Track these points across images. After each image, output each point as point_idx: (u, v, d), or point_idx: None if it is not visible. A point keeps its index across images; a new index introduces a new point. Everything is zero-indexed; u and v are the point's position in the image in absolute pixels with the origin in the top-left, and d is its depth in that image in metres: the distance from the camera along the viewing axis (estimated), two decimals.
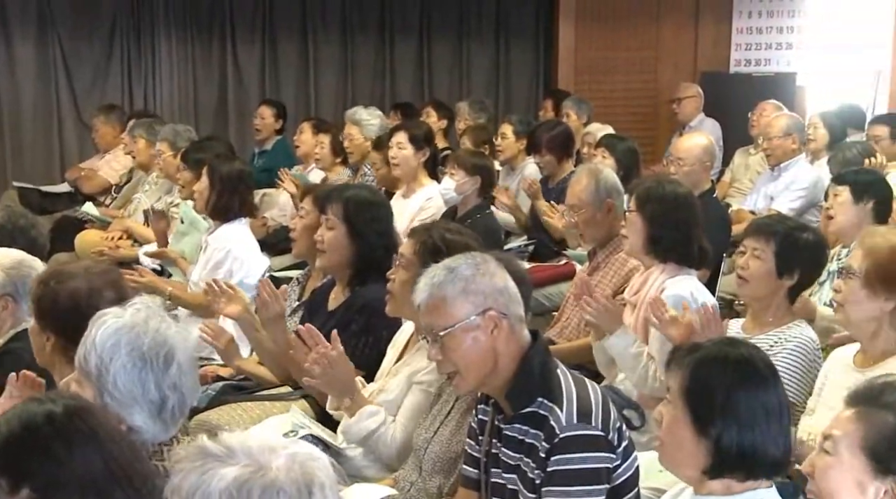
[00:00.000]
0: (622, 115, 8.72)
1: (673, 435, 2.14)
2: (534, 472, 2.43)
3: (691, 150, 5.31)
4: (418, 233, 3.36)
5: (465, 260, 2.52)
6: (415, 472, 2.96)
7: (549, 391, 2.46)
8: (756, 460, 2.08)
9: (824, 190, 5.24)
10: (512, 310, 2.50)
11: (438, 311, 2.48)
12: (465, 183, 5.27)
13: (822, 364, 3.22)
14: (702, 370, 2.12)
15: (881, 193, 4.32)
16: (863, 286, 2.91)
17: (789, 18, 9.38)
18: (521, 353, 2.50)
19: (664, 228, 3.71)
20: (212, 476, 1.47)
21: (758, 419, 2.08)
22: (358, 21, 9.08)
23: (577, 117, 7.55)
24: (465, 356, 2.48)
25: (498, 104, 9.24)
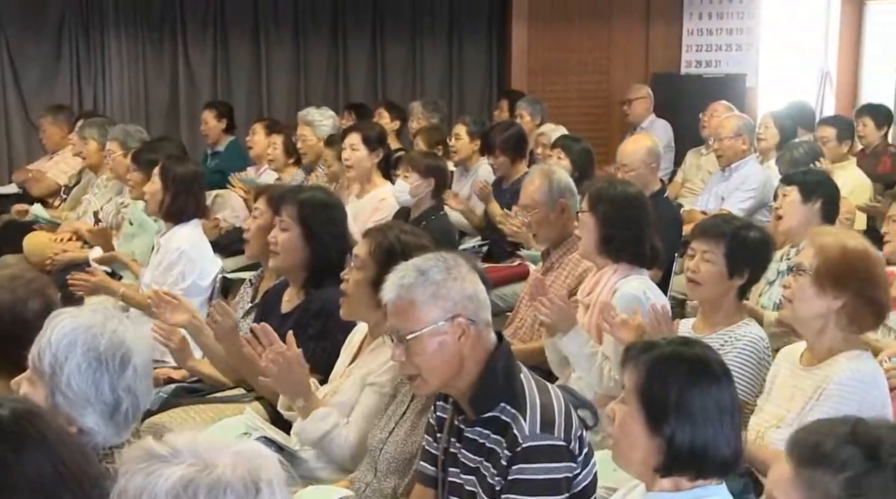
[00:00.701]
0: (575, 115, 8.77)
1: (626, 433, 2.14)
2: (494, 478, 2.43)
3: (635, 154, 5.34)
4: (373, 234, 3.35)
5: (437, 263, 2.47)
6: (370, 473, 2.96)
7: (512, 397, 2.46)
8: (707, 459, 2.09)
9: (774, 190, 5.31)
10: (480, 316, 2.48)
11: (406, 314, 2.46)
12: (420, 185, 5.26)
13: (771, 363, 3.26)
14: (657, 369, 2.13)
15: (829, 193, 4.37)
16: (812, 284, 2.93)
17: (738, 20, 9.49)
18: (486, 357, 2.49)
19: (616, 227, 3.74)
20: (157, 477, 1.46)
21: (711, 418, 2.09)
22: (310, 21, 9.04)
23: (531, 118, 7.58)
24: (429, 361, 2.47)
25: (451, 105, 9.24)
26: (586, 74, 9.36)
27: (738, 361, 3.29)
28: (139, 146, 5.80)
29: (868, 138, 7.01)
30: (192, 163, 5.05)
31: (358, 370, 3.24)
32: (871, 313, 2.95)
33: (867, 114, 7.07)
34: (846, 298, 2.90)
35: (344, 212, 3.94)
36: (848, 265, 2.91)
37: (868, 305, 2.92)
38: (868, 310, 2.93)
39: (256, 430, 3.25)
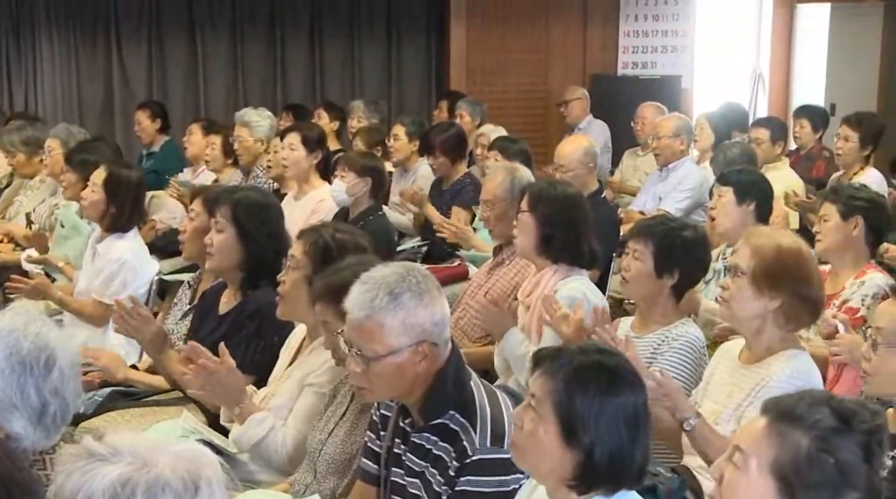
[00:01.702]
0: (514, 116, 8.80)
1: (537, 442, 2.07)
2: (441, 486, 2.43)
3: (572, 154, 5.37)
4: (308, 233, 3.34)
5: (409, 286, 2.42)
6: (309, 474, 2.94)
7: (462, 406, 2.46)
8: (625, 469, 2.05)
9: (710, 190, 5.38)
10: (443, 337, 2.48)
11: (373, 335, 2.43)
12: (356, 184, 5.24)
13: (707, 362, 3.29)
14: (575, 380, 2.06)
15: (763, 194, 4.43)
16: (749, 285, 2.97)
17: (674, 22, 9.61)
18: (438, 368, 2.48)
19: (556, 228, 3.76)
20: (95, 475, 1.44)
21: (629, 428, 2.05)
22: (248, 20, 8.97)
23: (471, 119, 7.59)
24: (385, 380, 2.46)
25: (390, 105, 9.23)
26: (525, 75, 9.41)
27: (675, 361, 3.32)
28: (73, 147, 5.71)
29: (803, 139, 7.12)
30: (136, 170, 4.95)
31: (296, 372, 3.22)
32: (807, 311, 3.00)
33: (804, 115, 7.17)
34: (783, 298, 2.94)
35: (280, 211, 3.91)
36: (783, 266, 2.95)
37: (804, 304, 2.97)
38: (804, 308, 2.98)
39: (194, 433, 3.21)
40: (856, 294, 3.76)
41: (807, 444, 1.81)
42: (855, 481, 1.80)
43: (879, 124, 6.34)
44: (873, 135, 6.18)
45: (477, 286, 4.35)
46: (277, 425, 3.10)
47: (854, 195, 3.95)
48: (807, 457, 1.80)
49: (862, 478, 1.81)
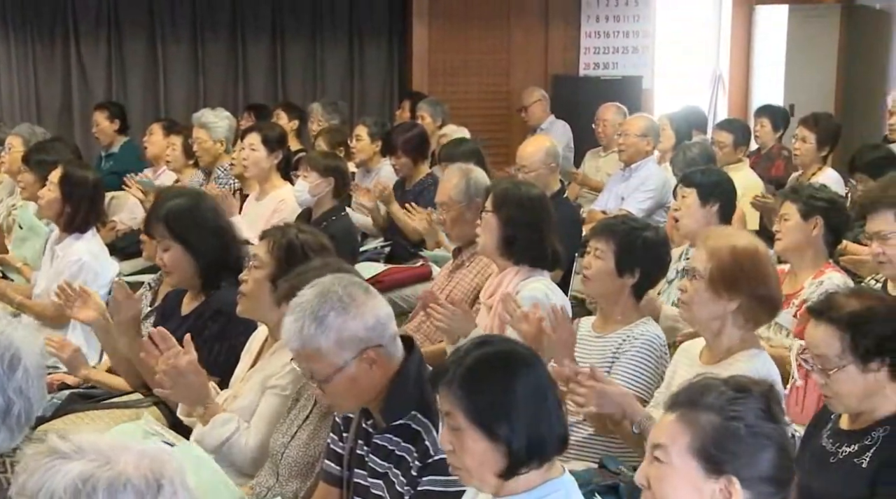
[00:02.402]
0: (476, 116, 8.81)
1: (470, 453, 2.10)
2: (403, 487, 2.44)
3: (534, 155, 5.39)
4: (271, 233, 3.35)
5: (333, 306, 2.44)
6: (272, 477, 2.93)
7: (424, 406, 2.47)
8: (546, 445, 2.10)
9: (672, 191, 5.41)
10: (386, 336, 2.49)
11: (314, 360, 2.47)
12: (319, 184, 5.23)
13: (668, 361, 3.32)
14: (471, 380, 2.10)
15: (726, 195, 4.46)
16: (707, 288, 2.99)
17: (634, 23, 9.66)
18: (397, 369, 2.50)
19: (519, 229, 3.77)
20: (56, 472, 1.44)
21: (538, 405, 2.10)
22: (208, 20, 8.90)
23: (432, 119, 7.58)
24: (345, 395, 2.50)
25: (352, 106, 9.21)
26: (487, 76, 9.42)
27: (636, 360, 3.34)
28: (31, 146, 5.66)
29: (763, 139, 7.18)
30: (92, 171, 4.90)
31: (259, 373, 3.21)
32: (765, 311, 3.03)
33: (766, 115, 7.24)
34: (741, 300, 2.97)
35: (210, 204, 3.84)
36: (739, 268, 2.98)
37: (762, 304, 3.00)
38: (762, 308, 3.01)
39: (155, 435, 3.19)
40: (815, 294, 3.79)
41: (715, 418, 1.91)
42: (768, 440, 1.91)
43: (836, 125, 6.42)
44: (830, 136, 6.25)
45: (438, 290, 4.35)
46: (242, 427, 3.09)
47: (814, 195, 3.98)
48: (720, 429, 1.90)
49: (773, 435, 1.92)
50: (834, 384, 2.62)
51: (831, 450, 2.68)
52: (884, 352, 2.58)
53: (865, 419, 2.64)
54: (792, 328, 3.77)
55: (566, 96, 8.91)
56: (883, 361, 2.58)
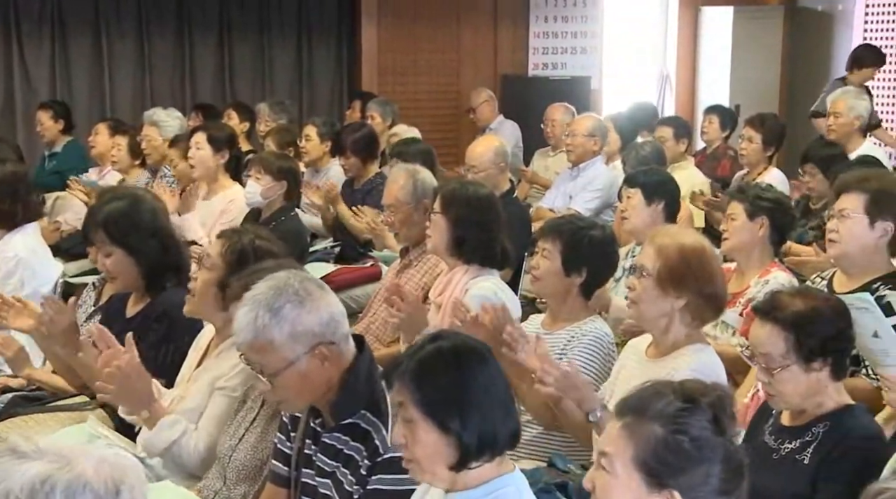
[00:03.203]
0: (426, 116, 8.81)
1: (422, 446, 2.12)
2: (352, 486, 2.43)
3: (483, 155, 5.40)
4: (228, 235, 3.32)
5: (288, 298, 2.43)
6: (219, 480, 2.90)
7: (374, 405, 2.47)
8: (497, 438, 2.11)
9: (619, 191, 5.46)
10: (339, 333, 2.49)
11: (266, 353, 2.45)
12: (272, 187, 5.19)
13: (616, 357, 3.35)
14: (423, 372, 2.12)
15: (670, 193, 4.52)
16: (655, 285, 3.02)
17: (582, 23, 9.72)
18: (347, 367, 2.50)
19: (468, 229, 3.78)
20: (13, 471, 1.43)
21: (490, 399, 2.11)
22: (155, 18, 8.80)
23: (381, 119, 7.57)
24: (295, 392, 2.48)
25: (302, 106, 9.16)
26: (436, 76, 9.43)
27: (584, 357, 3.37)
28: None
29: (711, 135, 7.26)
30: (11, 163, 4.81)
31: (206, 374, 3.18)
32: (711, 308, 3.07)
33: (714, 113, 7.32)
34: (688, 297, 3.00)
35: (148, 205, 3.79)
36: (687, 266, 3.01)
37: (708, 302, 3.04)
38: (708, 305, 3.05)
39: (100, 438, 3.16)
40: (760, 293, 3.84)
41: (660, 431, 1.88)
42: (713, 454, 1.88)
43: (781, 126, 6.51)
44: (776, 136, 6.33)
45: (386, 290, 4.34)
46: (189, 429, 3.06)
47: (761, 195, 4.03)
48: (663, 442, 1.87)
49: (718, 449, 1.89)
50: (777, 383, 2.65)
51: (773, 446, 2.72)
52: (827, 352, 2.63)
53: (806, 416, 2.69)
54: (738, 327, 3.81)
55: (515, 96, 8.94)
56: (825, 360, 2.63)
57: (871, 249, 3.59)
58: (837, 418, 2.64)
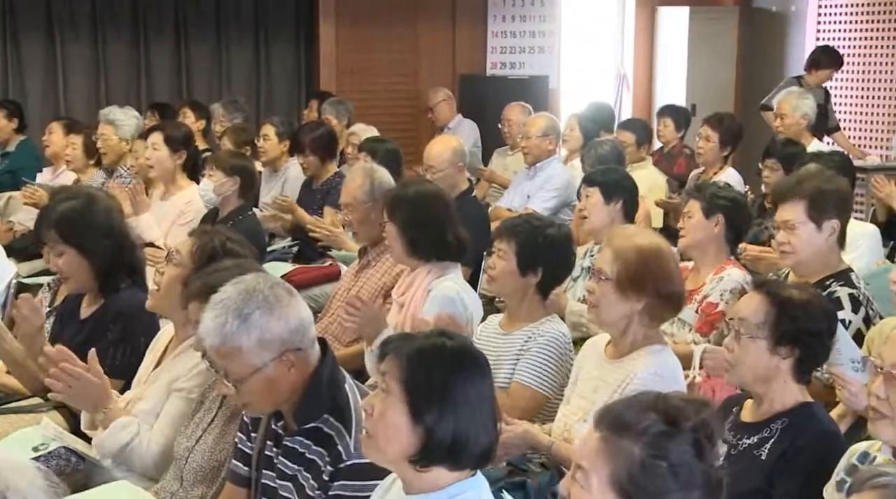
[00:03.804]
0: (385, 116, 8.80)
1: (386, 424, 2.10)
2: (314, 491, 2.41)
3: (441, 155, 5.39)
4: (200, 235, 3.31)
5: (258, 304, 2.40)
6: (175, 482, 2.88)
7: (337, 410, 2.45)
8: (467, 449, 2.09)
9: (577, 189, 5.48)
10: (307, 339, 2.47)
11: (232, 358, 2.42)
12: (224, 183, 5.17)
13: (573, 358, 3.35)
14: (420, 358, 2.11)
15: (629, 192, 4.55)
16: (615, 289, 3.03)
17: (540, 23, 9.74)
18: (311, 372, 2.48)
19: (417, 230, 3.78)
20: None
21: (472, 408, 2.09)
22: (109, 17, 8.70)
23: (337, 120, 7.54)
24: (261, 396, 2.46)
25: (259, 105, 9.12)
26: (394, 75, 9.41)
27: (541, 357, 3.38)
28: None
29: (666, 137, 7.32)
30: None
31: (164, 375, 3.16)
32: (669, 307, 3.09)
33: (668, 114, 7.38)
34: (647, 299, 3.01)
35: (101, 204, 3.75)
36: (645, 268, 3.02)
37: (667, 301, 3.05)
38: (667, 305, 3.06)
39: (55, 440, 3.12)
40: (715, 289, 3.88)
41: (639, 452, 1.82)
42: (691, 481, 1.83)
43: (738, 126, 6.57)
44: (733, 136, 6.40)
45: (345, 290, 4.33)
46: (143, 430, 3.04)
47: (717, 194, 4.06)
48: (640, 465, 1.82)
49: (698, 475, 1.83)
50: (740, 352, 2.68)
51: (732, 442, 2.74)
52: (797, 343, 2.66)
53: (765, 412, 2.72)
54: (694, 324, 3.84)
55: (473, 96, 8.95)
56: (792, 351, 2.65)
57: (824, 251, 3.65)
58: (795, 414, 2.67)
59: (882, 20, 8.60)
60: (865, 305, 3.56)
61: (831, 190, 3.72)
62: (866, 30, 8.70)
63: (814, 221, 3.61)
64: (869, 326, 3.49)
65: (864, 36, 8.72)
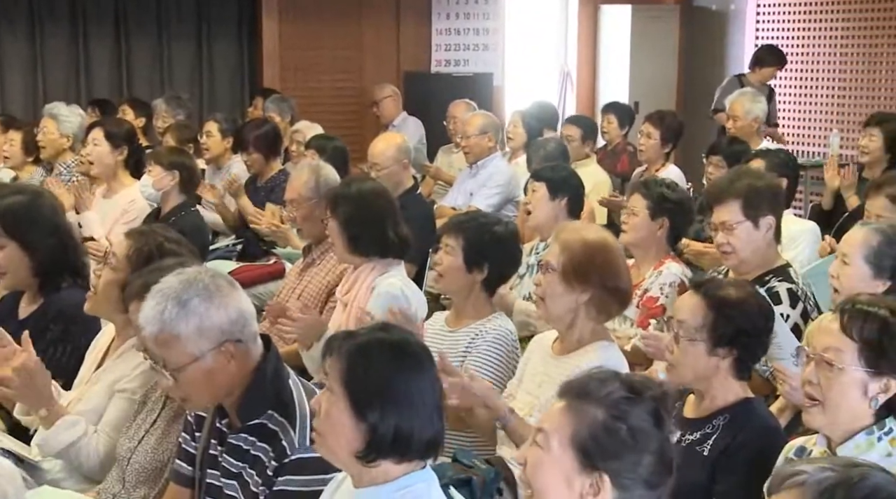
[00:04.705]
0: (329, 113, 8.76)
1: (331, 423, 2.12)
2: (258, 487, 2.40)
3: (385, 152, 5.39)
4: (136, 236, 3.26)
5: (198, 292, 2.39)
6: (118, 484, 2.85)
7: (281, 405, 2.43)
8: (412, 442, 2.11)
9: (520, 186, 5.50)
10: (247, 332, 2.45)
11: (170, 347, 2.40)
12: (163, 178, 5.12)
13: (520, 355, 3.37)
14: (360, 355, 2.13)
15: (574, 189, 4.58)
16: (560, 280, 3.06)
17: (484, 20, 9.77)
18: (254, 367, 2.46)
19: (359, 226, 3.78)
20: None
21: (414, 402, 2.11)
22: (47, 13, 8.57)
23: (280, 117, 7.49)
24: (199, 389, 2.43)
25: (202, 102, 9.03)
26: (339, 72, 9.38)
27: (487, 354, 3.39)
28: None
29: (610, 135, 7.37)
30: None
31: (106, 376, 3.12)
32: (616, 302, 3.12)
33: (612, 112, 7.43)
34: (592, 291, 3.04)
35: (48, 202, 3.71)
36: (591, 260, 3.06)
37: (613, 295, 3.08)
38: (613, 299, 3.09)
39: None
40: (654, 284, 3.93)
41: (601, 414, 1.92)
42: (647, 445, 1.91)
43: (679, 123, 6.64)
44: (674, 133, 6.47)
45: (290, 290, 4.31)
46: (90, 430, 3.00)
47: (665, 197, 4.05)
48: (602, 426, 1.91)
49: (654, 442, 1.92)
50: (680, 354, 2.72)
51: (676, 438, 2.77)
52: (735, 344, 2.69)
53: (707, 408, 2.75)
54: (635, 318, 3.88)
55: (418, 93, 8.95)
56: (731, 351, 2.69)
57: (762, 247, 3.71)
58: (737, 410, 2.71)
59: (820, 19, 8.74)
60: (803, 300, 3.62)
61: (763, 187, 3.77)
62: (805, 28, 8.84)
63: (750, 219, 3.66)
64: (807, 321, 3.54)
65: (802, 34, 8.86)
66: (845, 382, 2.32)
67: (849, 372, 2.31)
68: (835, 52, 8.58)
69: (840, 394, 2.32)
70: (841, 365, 2.31)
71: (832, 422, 2.35)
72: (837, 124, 8.40)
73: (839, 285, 3.42)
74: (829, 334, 2.35)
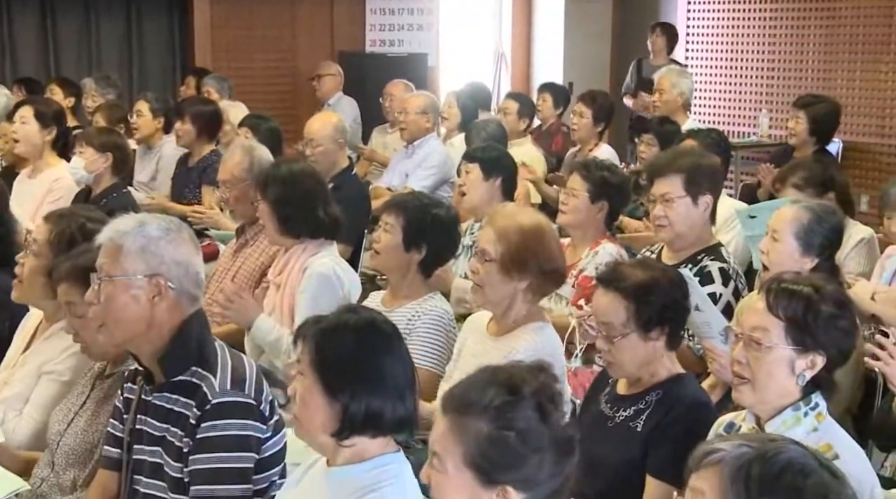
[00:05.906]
0: (262, 93, 8.69)
1: (307, 406, 2.15)
2: (182, 440, 2.39)
3: (321, 130, 5.36)
4: (55, 220, 3.20)
5: (160, 222, 2.48)
6: (47, 467, 2.81)
7: (204, 361, 2.44)
8: (384, 418, 2.13)
9: (455, 167, 5.51)
10: (184, 286, 2.46)
11: (111, 256, 2.44)
12: (95, 161, 5.04)
13: (457, 334, 3.38)
14: (327, 338, 2.15)
15: (508, 170, 4.59)
16: (499, 270, 3.08)
17: (419, 0, 9.73)
18: (180, 323, 2.46)
19: (289, 207, 3.75)
20: None
21: (384, 379, 2.13)
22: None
23: (218, 95, 7.40)
24: (115, 311, 2.43)
25: (132, 81, 8.89)
26: (272, 52, 9.28)
27: (427, 336, 3.40)
28: None
29: (545, 114, 7.39)
30: None
31: (33, 358, 3.08)
32: (551, 282, 3.16)
33: (548, 91, 7.45)
34: (530, 278, 3.07)
35: None
36: (527, 248, 3.08)
37: (549, 278, 3.12)
38: (549, 281, 3.13)
39: None
40: (590, 263, 3.96)
41: (485, 427, 1.87)
42: (540, 443, 1.88)
43: (611, 103, 6.69)
44: (606, 112, 6.51)
45: (224, 271, 4.27)
46: (10, 416, 2.95)
47: (606, 180, 4.06)
48: (489, 440, 1.86)
49: (545, 437, 1.88)
50: (617, 351, 2.74)
51: (609, 414, 2.80)
52: (664, 321, 2.73)
53: (641, 385, 2.78)
54: (570, 298, 3.91)
55: (353, 73, 8.88)
56: (662, 329, 2.73)
57: (698, 225, 3.75)
58: (669, 386, 2.74)
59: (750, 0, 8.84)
60: (735, 279, 3.67)
61: (706, 166, 3.83)
62: (735, 10, 8.94)
63: (690, 195, 3.71)
64: (738, 299, 3.60)
65: (732, 15, 8.95)
66: (773, 360, 2.35)
67: (776, 350, 2.35)
68: (764, 33, 8.68)
69: (768, 372, 2.36)
70: (768, 344, 2.35)
71: (761, 400, 2.38)
72: (767, 105, 8.52)
73: (768, 261, 3.48)
74: (755, 314, 2.39)
